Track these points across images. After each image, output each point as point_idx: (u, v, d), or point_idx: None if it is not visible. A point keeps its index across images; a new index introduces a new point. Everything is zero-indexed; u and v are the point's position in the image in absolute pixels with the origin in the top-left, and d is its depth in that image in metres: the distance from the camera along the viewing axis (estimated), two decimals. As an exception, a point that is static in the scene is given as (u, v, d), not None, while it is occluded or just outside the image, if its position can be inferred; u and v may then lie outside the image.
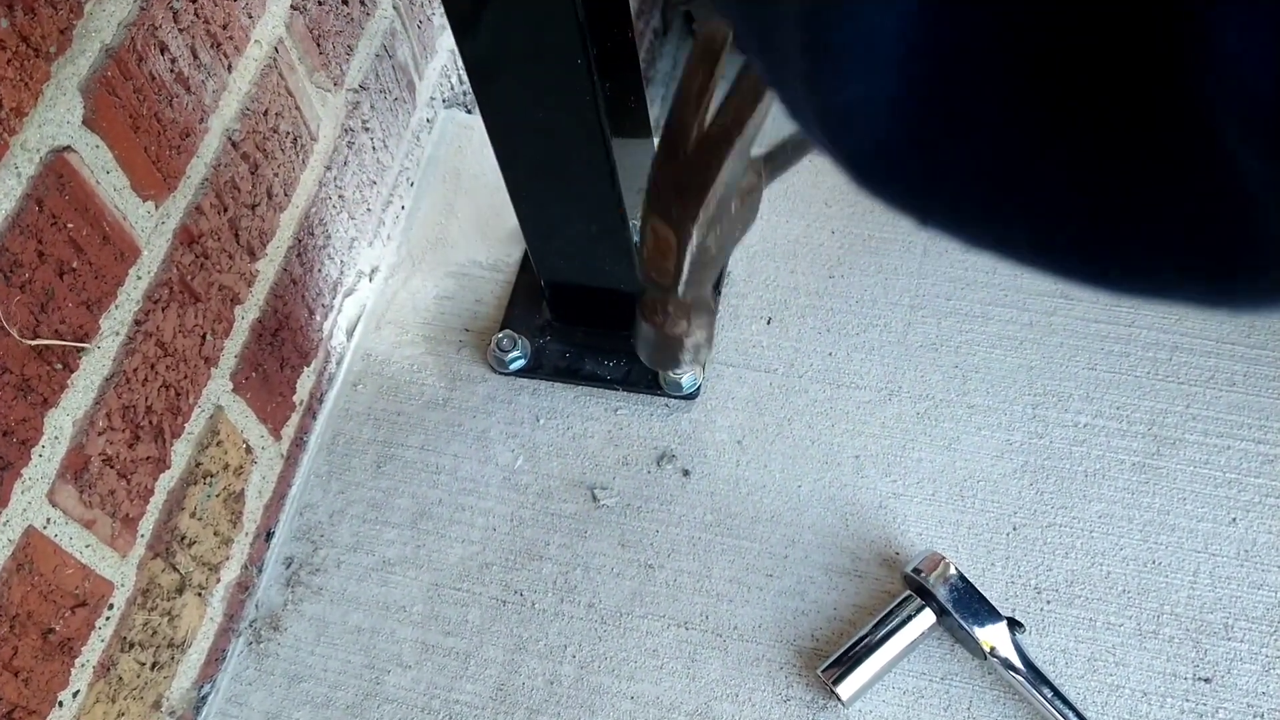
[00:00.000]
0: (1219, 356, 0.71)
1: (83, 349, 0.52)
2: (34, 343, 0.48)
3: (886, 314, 0.75)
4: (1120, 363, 0.71)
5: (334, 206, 0.74)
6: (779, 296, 0.76)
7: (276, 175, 0.66)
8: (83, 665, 0.55)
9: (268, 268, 0.67)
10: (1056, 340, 0.73)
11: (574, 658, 0.66)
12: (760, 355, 0.74)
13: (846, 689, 0.61)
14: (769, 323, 0.76)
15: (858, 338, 0.74)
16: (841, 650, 0.62)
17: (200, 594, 0.65)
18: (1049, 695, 0.60)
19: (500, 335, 0.75)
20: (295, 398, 0.72)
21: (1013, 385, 0.71)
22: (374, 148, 0.78)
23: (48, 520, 0.51)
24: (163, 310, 0.57)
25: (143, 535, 0.58)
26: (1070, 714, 0.59)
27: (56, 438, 0.51)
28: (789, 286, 0.77)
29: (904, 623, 0.62)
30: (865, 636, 0.62)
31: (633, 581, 0.68)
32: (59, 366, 0.51)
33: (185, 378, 0.60)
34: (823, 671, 0.62)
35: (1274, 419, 0.68)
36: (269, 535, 0.71)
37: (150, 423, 0.58)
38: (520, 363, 0.75)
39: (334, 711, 0.66)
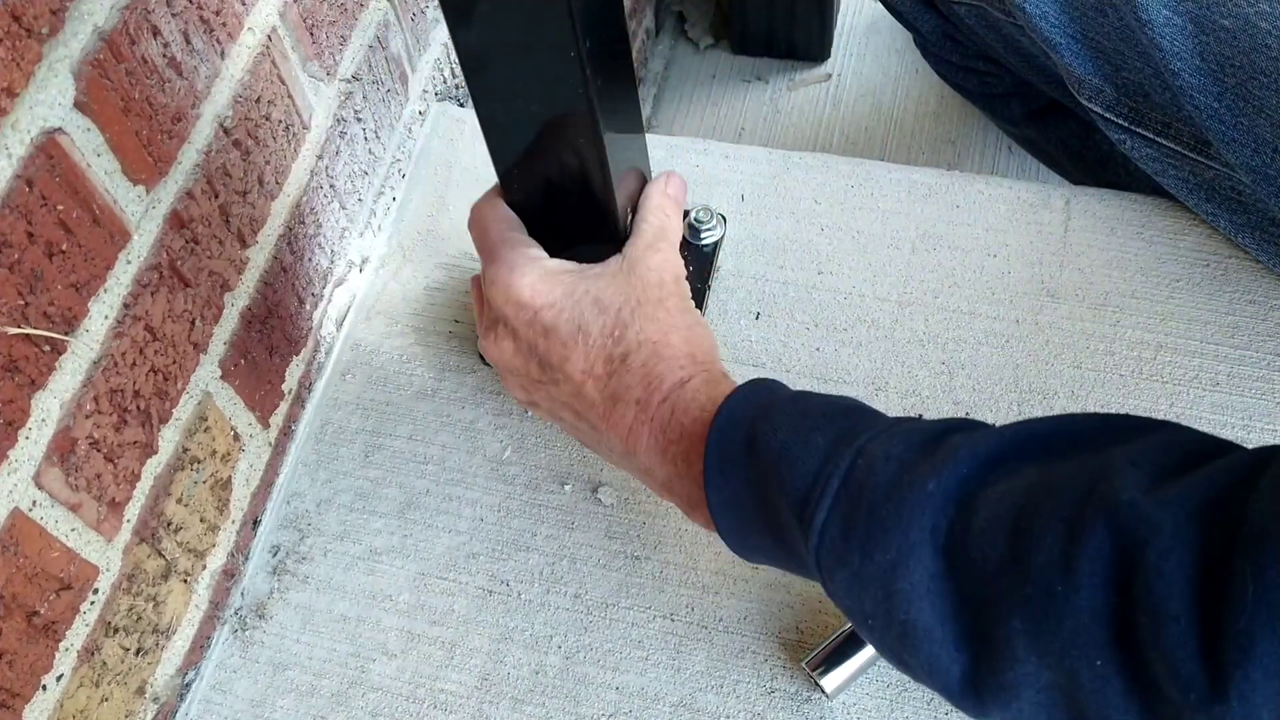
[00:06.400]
0: (1203, 356, 0.71)
1: (70, 335, 0.52)
2: (15, 331, 0.48)
3: (874, 310, 0.75)
4: (1105, 361, 0.72)
5: (325, 196, 0.74)
6: (768, 291, 0.77)
7: (268, 163, 0.66)
8: (67, 649, 0.55)
9: (258, 255, 0.67)
10: (1043, 338, 0.73)
11: (559, 648, 0.66)
12: (749, 350, 0.75)
13: (831, 681, 0.61)
14: (757, 318, 0.76)
15: (845, 333, 0.75)
16: (826, 643, 0.62)
17: (186, 580, 0.65)
18: (1031, 689, 0.60)
19: (490, 327, 0.75)
20: (284, 386, 0.72)
21: (999, 382, 0.72)
22: (366, 138, 0.78)
23: (34, 503, 0.51)
24: (152, 295, 0.57)
25: (129, 520, 0.58)
26: (1052, 708, 0.60)
27: (44, 420, 0.51)
28: (778, 281, 0.77)
29: (888, 616, 0.62)
30: (850, 629, 0.62)
31: (619, 573, 0.68)
32: (46, 349, 0.51)
33: (174, 363, 0.60)
34: (807, 664, 0.62)
35: (1257, 419, 0.69)
36: (256, 523, 0.71)
37: (138, 407, 0.58)
38: (509, 354, 0.75)
39: (319, 700, 0.66)
